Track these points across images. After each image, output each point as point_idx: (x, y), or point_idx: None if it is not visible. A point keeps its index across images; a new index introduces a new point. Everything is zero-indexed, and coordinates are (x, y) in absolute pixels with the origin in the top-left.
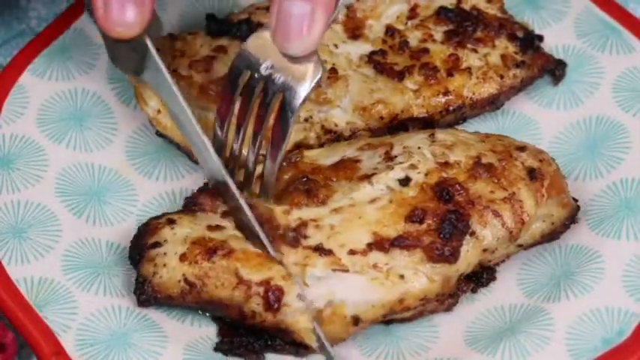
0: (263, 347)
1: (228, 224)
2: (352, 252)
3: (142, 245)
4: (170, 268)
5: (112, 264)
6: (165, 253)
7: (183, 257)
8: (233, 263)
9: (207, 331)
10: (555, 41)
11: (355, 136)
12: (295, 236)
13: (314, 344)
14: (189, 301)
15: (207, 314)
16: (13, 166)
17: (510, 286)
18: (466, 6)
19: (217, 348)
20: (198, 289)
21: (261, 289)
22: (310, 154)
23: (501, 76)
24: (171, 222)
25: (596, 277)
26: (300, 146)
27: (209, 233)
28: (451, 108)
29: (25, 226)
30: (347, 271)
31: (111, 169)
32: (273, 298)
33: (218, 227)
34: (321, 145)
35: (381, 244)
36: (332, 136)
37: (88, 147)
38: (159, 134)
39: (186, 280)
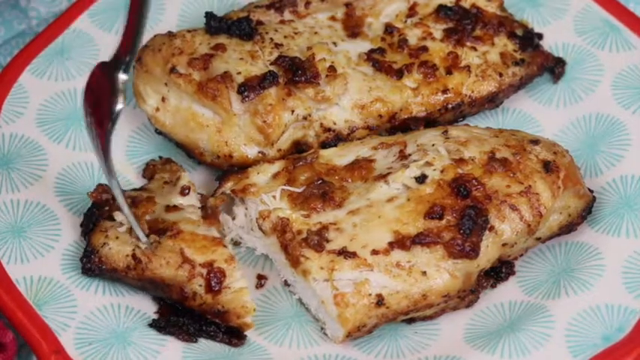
0: (197, 330)
1: (185, 203)
2: (375, 252)
3: (97, 215)
4: (121, 241)
5: None
6: (118, 227)
7: (133, 232)
8: (179, 243)
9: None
10: (555, 39)
11: (354, 134)
12: (319, 240)
13: (249, 321)
14: (132, 276)
15: (148, 294)
16: (13, 165)
17: (510, 284)
18: (465, 4)
19: (152, 324)
20: (143, 266)
21: (204, 271)
22: (325, 154)
23: (500, 74)
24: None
25: (596, 274)
26: (299, 144)
27: (164, 214)
28: (450, 106)
29: (25, 225)
30: (372, 270)
31: None
32: (215, 280)
33: (175, 208)
34: (320, 143)
35: (402, 242)
36: (331, 135)
37: (88, 146)
38: (158, 132)
39: (133, 255)
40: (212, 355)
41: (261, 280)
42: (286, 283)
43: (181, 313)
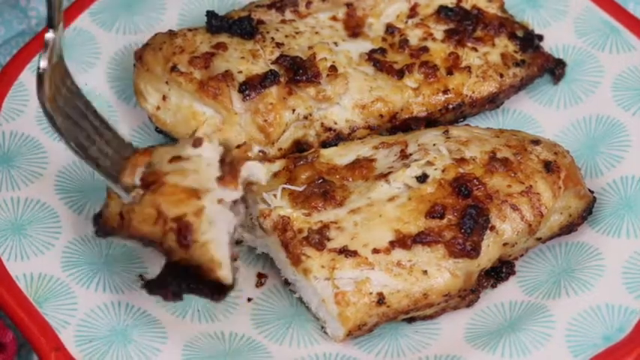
0: (184, 289)
1: (192, 154)
2: (376, 251)
3: None
4: (117, 200)
5: (112, 260)
6: None
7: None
8: (157, 198)
9: (207, 327)
10: (555, 40)
11: (355, 134)
12: (320, 239)
13: (222, 273)
14: (126, 235)
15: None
16: (13, 163)
17: (510, 283)
18: (466, 5)
19: (144, 286)
20: (127, 223)
21: (174, 225)
22: (326, 153)
23: (501, 75)
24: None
25: (597, 274)
26: (300, 143)
27: (165, 166)
28: (451, 106)
29: (25, 222)
30: (373, 269)
31: None
32: (182, 234)
33: (178, 158)
34: (321, 143)
35: (403, 241)
36: (331, 134)
37: None
38: (158, 130)
39: (120, 213)
40: (212, 352)
41: (261, 278)
42: (286, 282)
43: (175, 272)
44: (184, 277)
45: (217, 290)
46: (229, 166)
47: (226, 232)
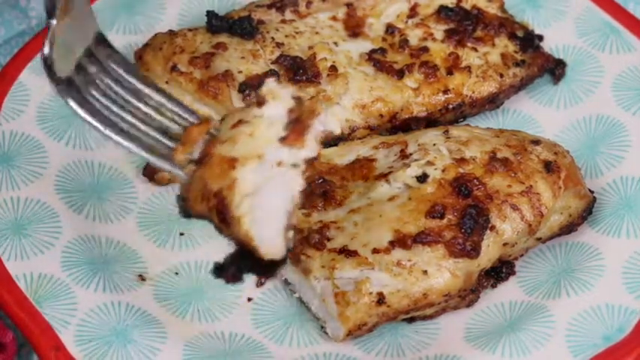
0: (243, 269)
1: (256, 114)
2: (376, 250)
3: None
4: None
5: (112, 260)
6: None
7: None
8: (204, 172)
9: (207, 327)
10: (555, 41)
11: (355, 134)
12: (320, 239)
13: (262, 250)
14: (194, 215)
15: None
16: (13, 163)
17: (510, 283)
18: (466, 5)
19: (210, 270)
20: (186, 203)
21: (215, 201)
22: (326, 153)
23: (501, 75)
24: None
25: (597, 274)
26: None
27: (228, 132)
28: (451, 106)
29: (25, 222)
30: (373, 269)
31: (111, 166)
32: (220, 209)
33: (240, 123)
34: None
35: (403, 241)
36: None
37: (88, 144)
38: None
39: (181, 193)
40: (212, 352)
41: (261, 278)
42: (286, 282)
43: (236, 252)
44: (240, 257)
45: (269, 267)
46: (295, 122)
47: (283, 199)
